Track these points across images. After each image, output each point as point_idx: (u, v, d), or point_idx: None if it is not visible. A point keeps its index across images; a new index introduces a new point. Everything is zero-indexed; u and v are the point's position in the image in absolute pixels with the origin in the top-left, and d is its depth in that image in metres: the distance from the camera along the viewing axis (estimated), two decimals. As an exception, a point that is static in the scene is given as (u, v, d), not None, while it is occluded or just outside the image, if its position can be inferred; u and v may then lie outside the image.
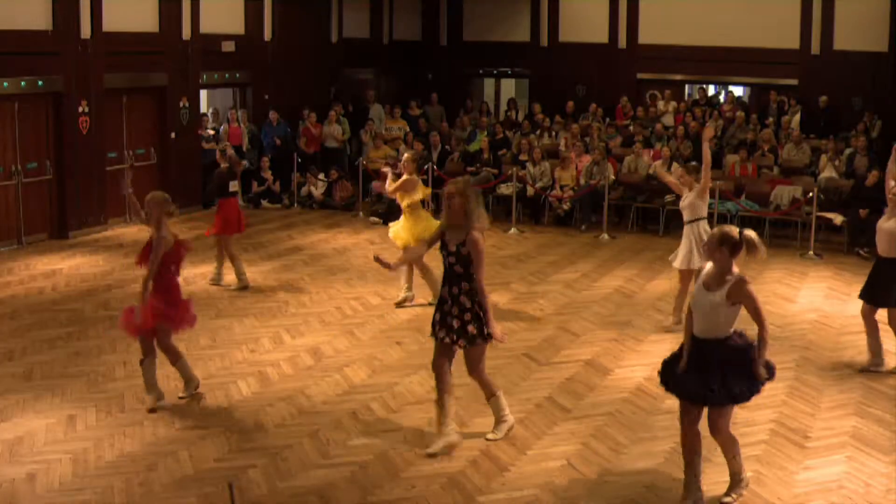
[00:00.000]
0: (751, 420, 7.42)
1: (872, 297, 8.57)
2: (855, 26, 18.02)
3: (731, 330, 5.86)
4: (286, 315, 10.16)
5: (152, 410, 7.38)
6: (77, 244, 13.48)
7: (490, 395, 6.98)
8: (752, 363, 5.79)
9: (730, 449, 6.08)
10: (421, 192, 10.66)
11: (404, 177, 10.38)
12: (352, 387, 8.09)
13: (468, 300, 6.61)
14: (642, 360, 8.84)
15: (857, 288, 11.48)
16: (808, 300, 11.05)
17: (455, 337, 6.64)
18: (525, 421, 7.36)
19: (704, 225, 9.32)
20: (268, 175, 16.54)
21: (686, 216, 9.45)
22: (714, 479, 6.41)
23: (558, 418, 7.43)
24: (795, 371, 8.56)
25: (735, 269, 5.79)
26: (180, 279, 7.72)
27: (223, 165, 11.45)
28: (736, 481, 6.14)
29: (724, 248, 5.72)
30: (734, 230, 5.77)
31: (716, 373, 5.79)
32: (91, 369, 8.38)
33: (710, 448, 6.88)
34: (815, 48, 18.53)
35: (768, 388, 8.06)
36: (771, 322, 9.88)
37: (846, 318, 10.25)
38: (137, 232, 14.35)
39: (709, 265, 5.90)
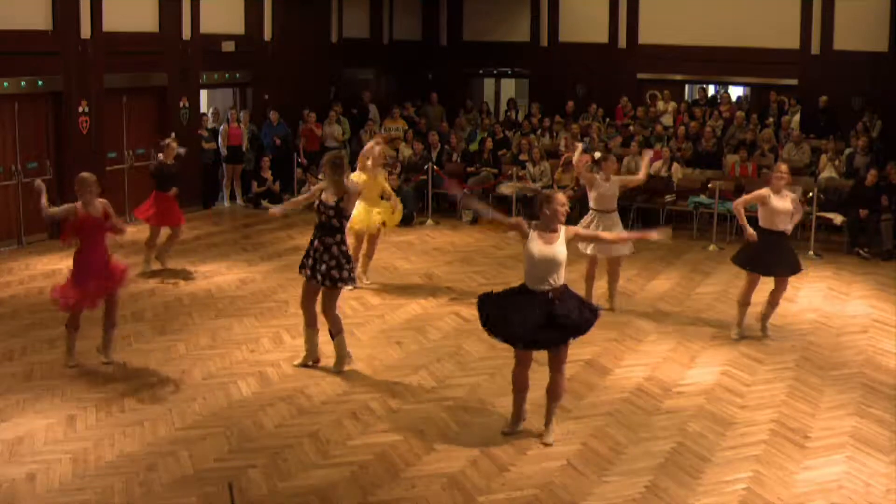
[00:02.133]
0: (751, 420, 7.43)
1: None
2: (855, 26, 18.00)
3: None
4: (286, 315, 10.16)
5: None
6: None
7: (337, 332, 8.28)
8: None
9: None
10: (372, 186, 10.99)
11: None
12: (352, 387, 8.09)
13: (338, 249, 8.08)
14: (642, 360, 8.85)
15: (857, 288, 11.59)
16: (808, 300, 11.05)
17: (322, 279, 8.04)
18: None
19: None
20: (268, 175, 16.53)
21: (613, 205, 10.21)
22: (714, 479, 6.42)
23: (558, 418, 7.41)
24: (795, 371, 8.56)
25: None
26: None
27: (169, 161, 11.78)
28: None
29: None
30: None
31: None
32: (91, 369, 8.38)
33: (710, 448, 6.89)
34: (815, 48, 18.52)
35: (768, 388, 8.11)
36: (771, 322, 9.95)
37: (846, 318, 10.26)
38: (137, 232, 14.33)
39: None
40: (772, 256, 9.19)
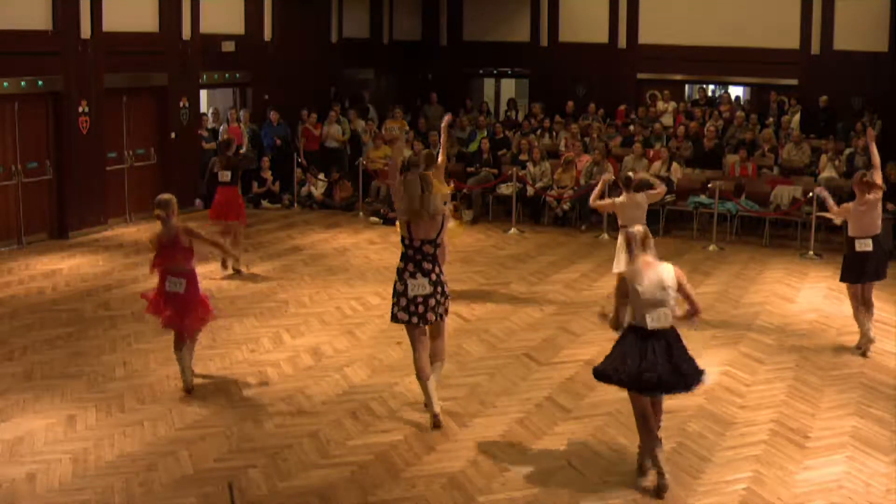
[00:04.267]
0: (751, 420, 7.42)
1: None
2: (855, 26, 18.02)
3: None
4: (286, 315, 10.16)
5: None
6: (77, 244, 13.48)
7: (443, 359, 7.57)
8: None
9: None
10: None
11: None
12: (352, 387, 8.09)
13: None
14: (642, 360, 8.83)
15: (857, 288, 11.55)
16: (808, 300, 11.05)
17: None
18: (525, 421, 7.37)
19: None
20: (268, 175, 16.54)
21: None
22: (714, 479, 6.42)
23: (558, 418, 7.43)
24: (795, 371, 8.56)
25: None
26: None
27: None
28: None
29: None
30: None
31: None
32: (91, 369, 8.38)
33: (710, 448, 6.89)
34: (815, 48, 18.54)
35: (768, 388, 8.11)
36: (771, 322, 9.97)
37: (846, 318, 10.24)
38: (137, 232, 14.35)
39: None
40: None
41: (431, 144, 16.75)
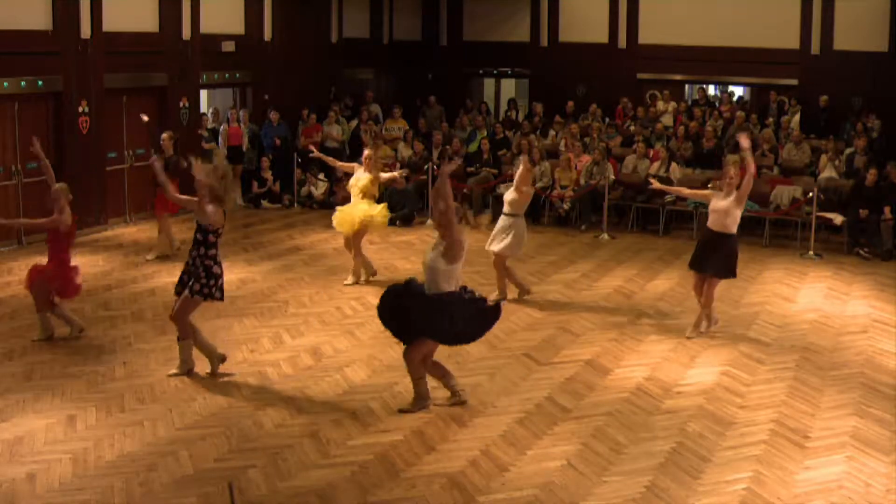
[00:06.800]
0: (751, 420, 7.43)
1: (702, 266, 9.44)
2: (855, 26, 18.02)
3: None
4: (286, 315, 10.16)
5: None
6: (77, 244, 13.33)
7: (183, 337, 8.19)
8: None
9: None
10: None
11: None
12: (352, 387, 8.09)
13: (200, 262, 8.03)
14: (642, 360, 8.85)
15: (857, 288, 11.59)
16: (808, 300, 11.05)
17: (182, 288, 8.05)
18: (525, 421, 7.37)
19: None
20: (268, 175, 16.53)
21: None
22: (714, 479, 6.43)
23: (558, 418, 7.44)
24: (795, 371, 8.56)
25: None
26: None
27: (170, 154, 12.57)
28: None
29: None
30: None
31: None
32: (91, 369, 8.38)
33: (710, 448, 6.90)
34: (815, 48, 18.54)
35: (768, 388, 8.12)
36: (771, 322, 9.96)
37: (846, 318, 10.26)
38: (137, 232, 14.36)
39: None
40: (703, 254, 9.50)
41: (434, 144, 16.78)
